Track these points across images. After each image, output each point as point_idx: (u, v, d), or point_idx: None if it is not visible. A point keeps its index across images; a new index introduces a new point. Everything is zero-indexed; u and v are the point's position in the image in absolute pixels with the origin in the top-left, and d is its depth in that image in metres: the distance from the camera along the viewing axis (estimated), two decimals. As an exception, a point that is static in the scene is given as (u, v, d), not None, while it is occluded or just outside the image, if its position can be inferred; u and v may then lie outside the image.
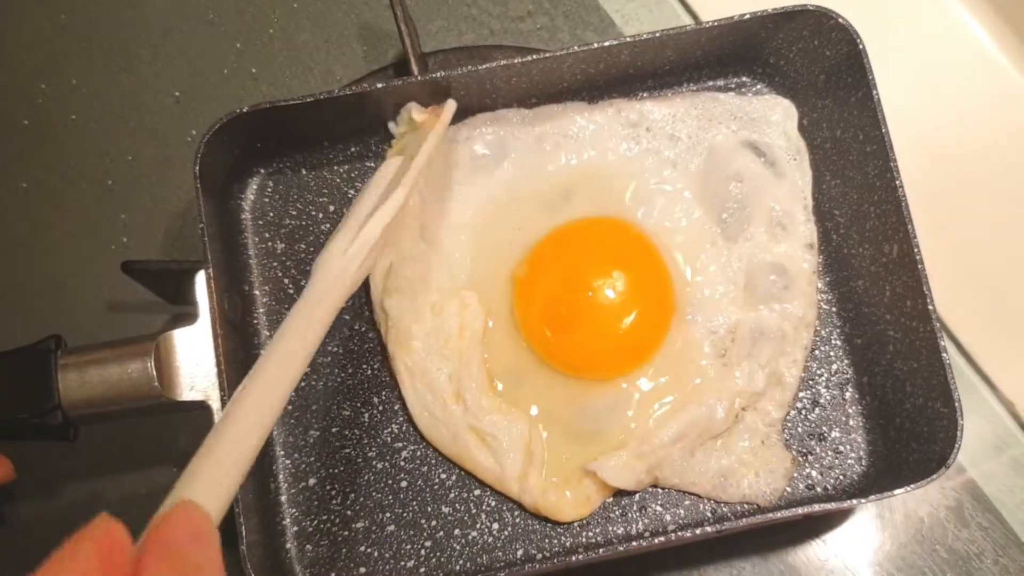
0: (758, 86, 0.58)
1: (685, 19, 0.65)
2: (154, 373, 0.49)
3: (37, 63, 0.64)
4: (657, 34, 0.54)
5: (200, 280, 0.51)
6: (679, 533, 0.50)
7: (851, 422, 0.54)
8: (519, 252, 0.55)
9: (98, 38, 0.65)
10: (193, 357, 0.50)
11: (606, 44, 0.54)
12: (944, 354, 0.48)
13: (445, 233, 0.55)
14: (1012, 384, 0.58)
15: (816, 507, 0.49)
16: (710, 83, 0.59)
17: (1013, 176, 0.60)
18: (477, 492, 0.54)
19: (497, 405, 0.53)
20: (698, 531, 0.50)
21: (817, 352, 0.55)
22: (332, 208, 0.58)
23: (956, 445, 0.47)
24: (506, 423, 0.52)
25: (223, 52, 0.65)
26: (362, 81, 0.62)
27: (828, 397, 0.54)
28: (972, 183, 0.60)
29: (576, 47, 0.54)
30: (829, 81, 0.55)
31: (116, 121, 0.63)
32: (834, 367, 0.55)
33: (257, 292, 0.57)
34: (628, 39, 0.54)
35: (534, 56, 0.54)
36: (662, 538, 0.50)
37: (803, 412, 0.54)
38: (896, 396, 0.52)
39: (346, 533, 0.53)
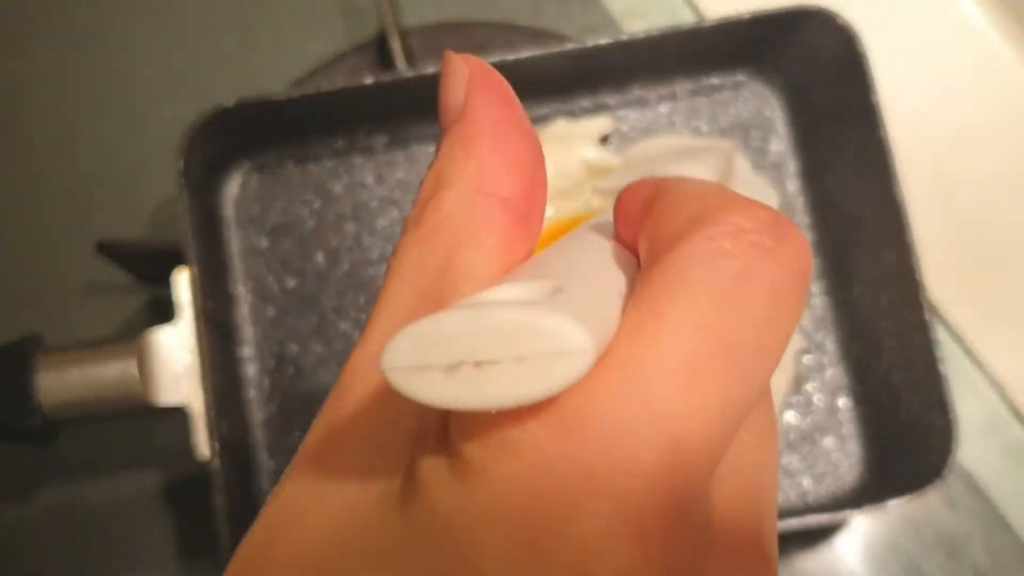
0: (755, 85, 0.57)
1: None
2: (136, 375, 0.48)
3: (5, 42, 0.62)
4: (655, 33, 0.53)
5: (183, 278, 0.50)
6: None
7: (844, 430, 0.53)
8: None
9: (69, 15, 0.63)
10: (175, 359, 0.49)
11: (601, 43, 0.52)
12: (941, 366, 0.48)
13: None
14: (1003, 366, 0.57)
15: (810, 519, 0.48)
16: (705, 81, 0.57)
17: (1006, 157, 0.60)
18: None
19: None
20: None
21: (811, 358, 0.54)
22: (318, 204, 0.56)
23: (951, 458, 0.47)
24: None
25: (198, 28, 0.63)
26: (344, 58, 0.61)
27: (821, 404, 0.54)
28: (964, 162, 0.59)
29: (570, 45, 0.53)
30: (828, 82, 0.54)
31: (88, 99, 0.61)
32: (828, 373, 0.54)
33: (241, 289, 0.55)
34: (625, 37, 0.53)
35: (528, 54, 0.52)
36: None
37: (796, 418, 0.54)
38: (891, 405, 0.52)
39: (331, 538, 0.52)
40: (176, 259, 0.50)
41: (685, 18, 0.62)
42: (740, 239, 0.19)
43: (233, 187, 0.56)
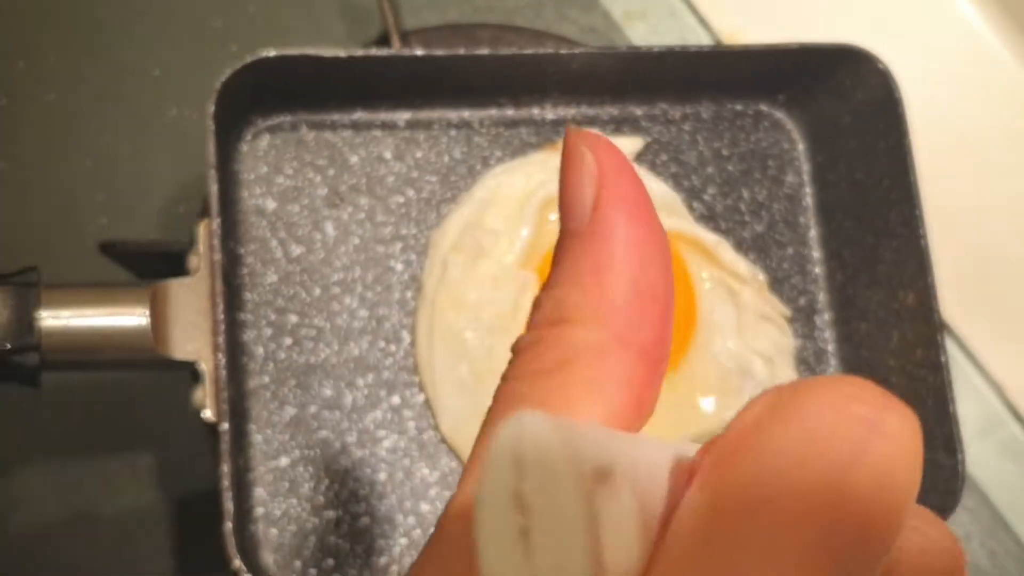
0: (777, 115, 0.58)
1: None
2: (147, 325, 0.44)
3: (15, 41, 0.61)
4: (676, 49, 0.53)
5: (200, 230, 0.47)
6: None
7: (837, 462, 0.54)
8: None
9: (77, 16, 0.62)
10: (188, 312, 0.45)
11: (623, 51, 0.53)
12: (952, 406, 0.49)
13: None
14: (1001, 366, 0.59)
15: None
16: (729, 106, 0.58)
17: (1007, 162, 0.62)
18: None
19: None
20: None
21: (809, 389, 0.55)
22: (331, 172, 0.54)
23: (958, 498, 0.48)
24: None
25: (203, 30, 0.62)
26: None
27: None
28: (964, 166, 0.61)
29: (597, 47, 0.53)
30: (855, 123, 0.55)
31: (95, 99, 0.61)
32: (824, 406, 0.55)
33: (242, 250, 0.52)
34: (650, 49, 0.53)
35: (580, 50, 0.52)
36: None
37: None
38: (890, 442, 0.52)
39: (316, 521, 0.50)
40: (179, 260, 0.48)
41: (685, 21, 0.64)
42: (844, 412, 0.15)
43: (243, 144, 0.53)
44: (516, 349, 0.21)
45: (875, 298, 0.54)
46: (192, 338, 0.45)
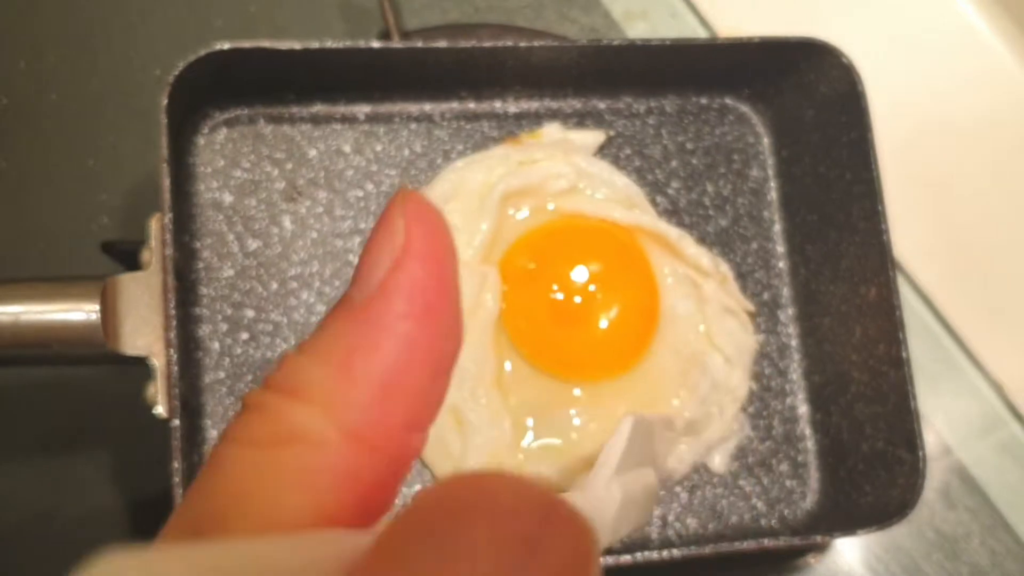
0: (742, 110, 0.58)
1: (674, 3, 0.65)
2: (98, 319, 0.43)
3: (16, 41, 0.61)
4: (639, 42, 0.52)
5: (152, 225, 0.46)
6: (623, 557, 0.48)
7: (800, 458, 0.54)
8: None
9: (78, 16, 0.62)
10: (139, 307, 0.45)
11: (603, 43, 0.52)
12: (913, 401, 0.49)
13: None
14: (1001, 365, 0.59)
15: (767, 541, 0.48)
16: (694, 100, 0.57)
17: (1004, 156, 0.62)
18: (417, 488, 0.51)
19: (493, 401, 0.50)
20: (639, 556, 0.48)
21: (772, 384, 0.55)
22: (289, 166, 0.53)
23: (919, 494, 0.48)
24: (489, 418, 0.49)
25: (203, 30, 0.62)
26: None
27: (780, 431, 0.54)
28: (964, 162, 0.61)
29: (577, 41, 0.52)
30: (819, 116, 0.55)
31: (96, 99, 0.60)
32: (788, 401, 0.55)
33: (198, 244, 0.52)
34: (611, 42, 0.52)
35: (536, 43, 0.52)
36: (610, 560, 0.48)
37: (754, 442, 0.54)
38: (852, 437, 0.52)
39: (272, 518, 0.49)
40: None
41: (686, 21, 0.64)
42: (500, 530, 0.14)
43: (200, 138, 0.53)
44: (245, 403, 0.19)
45: (838, 293, 0.54)
46: (143, 333, 0.45)
